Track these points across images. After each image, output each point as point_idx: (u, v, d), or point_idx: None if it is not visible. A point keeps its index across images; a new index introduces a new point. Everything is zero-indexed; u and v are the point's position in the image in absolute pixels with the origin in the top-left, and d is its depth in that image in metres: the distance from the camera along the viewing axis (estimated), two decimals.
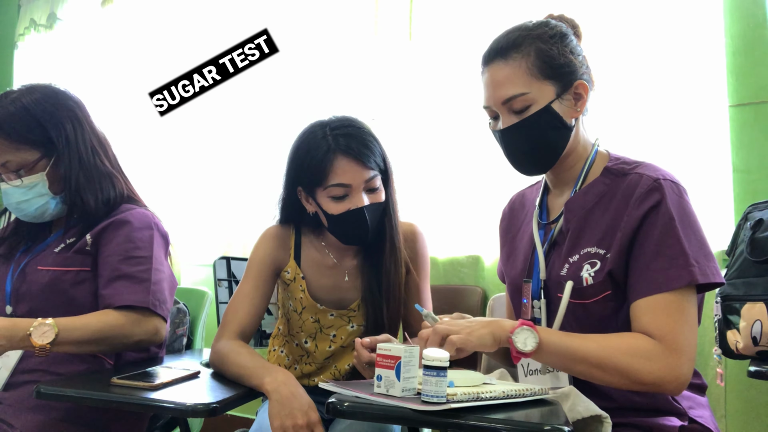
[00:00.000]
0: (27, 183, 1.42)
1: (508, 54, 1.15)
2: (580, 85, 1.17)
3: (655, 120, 2.01)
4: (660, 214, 1.07)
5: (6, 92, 1.46)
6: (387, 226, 1.44)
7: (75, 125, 1.46)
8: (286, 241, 1.50)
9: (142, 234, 1.45)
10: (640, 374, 1.01)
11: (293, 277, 1.48)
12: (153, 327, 1.39)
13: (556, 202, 1.26)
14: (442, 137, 2.37)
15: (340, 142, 1.34)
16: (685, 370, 1.02)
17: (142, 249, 1.44)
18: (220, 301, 1.75)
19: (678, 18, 1.99)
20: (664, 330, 1.02)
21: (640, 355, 1.01)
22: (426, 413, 0.92)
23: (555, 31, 1.17)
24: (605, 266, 1.10)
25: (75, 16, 3.53)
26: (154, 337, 1.40)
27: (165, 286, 1.45)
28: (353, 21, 2.61)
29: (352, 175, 1.34)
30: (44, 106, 1.43)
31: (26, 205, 1.45)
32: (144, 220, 1.48)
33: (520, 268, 1.28)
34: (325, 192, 1.36)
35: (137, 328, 1.37)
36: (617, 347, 1.03)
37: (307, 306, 1.48)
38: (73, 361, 1.42)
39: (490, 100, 1.18)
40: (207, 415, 1.13)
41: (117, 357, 1.48)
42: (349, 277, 1.49)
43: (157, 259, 1.46)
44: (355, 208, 1.34)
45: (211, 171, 2.97)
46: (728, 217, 1.88)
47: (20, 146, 1.41)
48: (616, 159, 1.21)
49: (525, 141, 1.17)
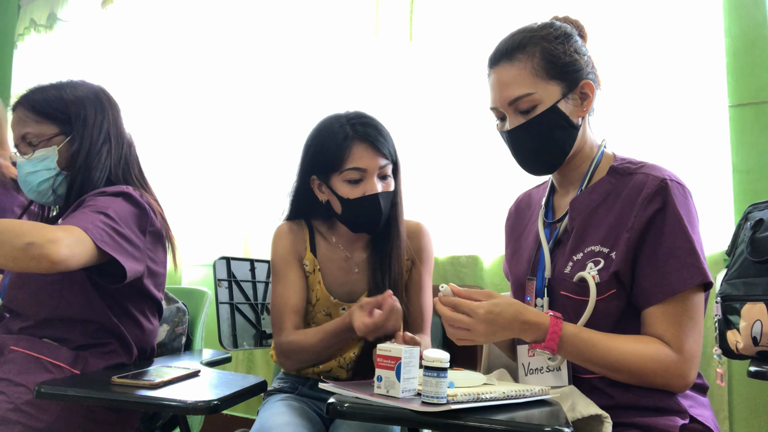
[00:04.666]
0: (38, 155, 1.47)
1: (513, 55, 1.16)
2: (586, 84, 1.18)
3: (655, 120, 2.00)
4: (669, 215, 1.08)
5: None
6: (393, 217, 1.49)
7: (97, 111, 1.52)
8: (301, 235, 1.55)
9: (105, 196, 1.42)
10: (652, 379, 1.07)
11: (312, 269, 1.53)
12: (53, 235, 1.22)
13: (562, 202, 1.27)
14: (443, 137, 2.37)
15: (358, 129, 1.43)
16: (693, 373, 1.08)
17: (99, 202, 1.39)
18: (220, 301, 1.75)
19: (678, 18, 1.99)
20: (679, 339, 1.07)
21: (655, 362, 1.06)
22: (426, 414, 0.92)
23: (560, 31, 1.18)
24: (610, 265, 1.11)
25: (75, 16, 3.53)
26: (47, 245, 1.20)
27: (98, 219, 1.33)
28: (353, 21, 2.61)
29: (369, 161, 1.41)
30: (74, 89, 1.52)
31: (32, 177, 1.48)
32: (116, 188, 1.45)
33: (525, 266, 1.29)
34: (341, 176, 1.42)
35: (34, 230, 1.23)
36: (635, 353, 1.07)
37: (321, 298, 1.51)
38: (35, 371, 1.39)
39: (497, 101, 1.19)
40: (208, 412, 1.13)
41: (84, 365, 1.45)
42: (359, 270, 1.53)
43: (105, 205, 1.37)
44: (371, 193, 1.41)
45: (212, 171, 2.97)
46: (728, 217, 1.88)
47: (41, 119, 1.48)
48: (622, 159, 1.22)
49: (532, 141, 1.18)
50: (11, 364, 1.40)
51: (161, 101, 3.15)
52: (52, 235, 1.23)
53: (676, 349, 1.07)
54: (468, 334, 1.06)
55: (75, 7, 3.52)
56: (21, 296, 1.47)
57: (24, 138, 1.49)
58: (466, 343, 1.08)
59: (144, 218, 1.46)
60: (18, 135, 1.49)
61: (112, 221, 1.35)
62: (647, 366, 1.06)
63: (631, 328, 1.12)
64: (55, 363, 1.41)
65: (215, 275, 1.78)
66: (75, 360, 1.44)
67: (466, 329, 1.05)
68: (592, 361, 1.09)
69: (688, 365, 1.07)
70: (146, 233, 1.46)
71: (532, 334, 1.08)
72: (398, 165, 1.50)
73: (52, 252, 1.21)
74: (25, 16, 3.72)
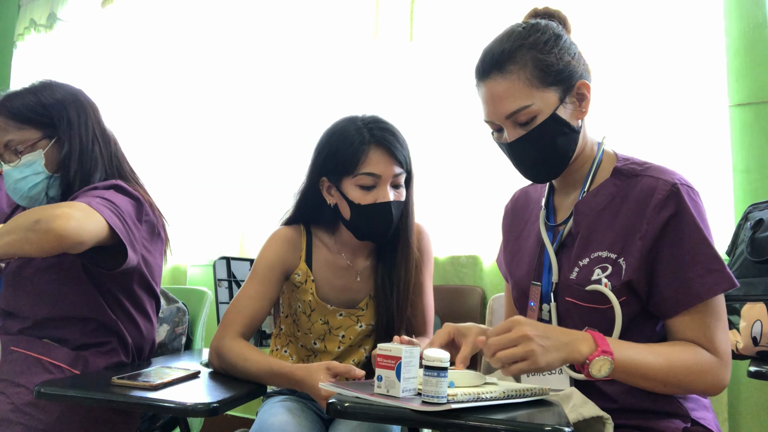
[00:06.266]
0: (25, 161, 1.45)
1: (503, 67, 1.11)
2: (582, 85, 1.14)
3: (656, 120, 2.00)
4: (686, 222, 1.06)
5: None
6: (403, 226, 1.46)
7: (79, 111, 1.50)
8: (297, 244, 1.50)
9: (98, 190, 1.42)
10: (696, 387, 1.06)
11: (304, 280, 1.48)
12: (59, 211, 1.23)
13: (564, 203, 1.24)
14: (443, 138, 2.37)
15: (375, 134, 1.38)
16: (729, 376, 1.06)
17: (95, 192, 1.39)
18: (220, 301, 1.75)
19: (678, 18, 1.99)
20: (712, 341, 1.05)
21: (700, 371, 1.04)
22: (426, 414, 0.92)
23: (548, 35, 1.13)
24: (619, 271, 1.09)
25: (75, 16, 3.52)
26: (53, 219, 1.21)
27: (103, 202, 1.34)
28: (354, 22, 2.61)
29: (384, 167, 1.37)
30: (51, 92, 1.49)
31: (22, 184, 1.46)
32: (107, 183, 1.46)
33: (526, 270, 1.25)
34: (354, 180, 1.38)
35: (41, 210, 1.25)
36: (682, 364, 1.03)
37: (316, 308, 1.48)
38: (35, 372, 1.39)
39: (492, 115, 1.14)
40: (207, 414, 1.13)
41: (84, 365, 1.45)
42: (361, 278, 1.50)
43: (101, 194, 1.38)
44: (383, 201, 1.37)
45: (212, 171, 2.97)
46: (728, 217, 1.88)
47: (22, 125, 1.45)
48: (625, 159, 1.19)
49: (535, 152, 1.14)
50: (11, 364, 1.40)
51: (161, 101, 3.15)
52: (59, 210, 1.23)
53: (715, 352, 1.05)
54: (526, 361, 0.96)
55: (75, 7, 3.52)
56: (19, 296, 1.47)
57: (7, 146, 1.46)
58: (526, 370, 0.96)
59: (139, 208, 1.46)
60: (0, 144, 1.46)
61: (115, 206, 1.35)
62: (692, 371, 1.03)
63: (637, 336, 1.08)
64: (54, 363, 1.41)
65: (215, 275, 1.78)
66: (75, 360, 1.44)
67: (523, 358, 0.95)
68: (643, 378, 1.02)
69: (727, 367, 1.05)
70: (142, 222, 1.46)
71: (580, 343, 0.99)
72: (412, 175, 1.46)
73: (58, 225, 1.21)
74: (25, 16, 3.72)
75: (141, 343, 1.56)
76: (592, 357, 0.97)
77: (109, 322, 1.47)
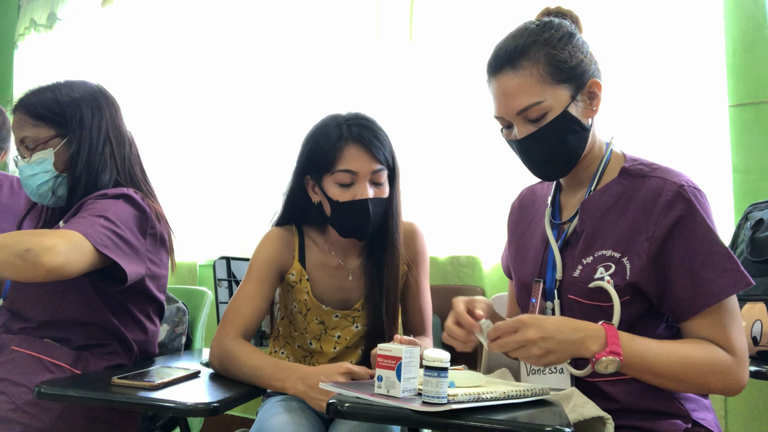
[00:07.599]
0: (35, 158, 1.46)
1: (516, 62, 1.11)
2: (593, 83, 1.14)
3: (656, 120, 2.01)
4: (697, 223, 1.06)
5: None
6: (389, 225, 1.45)
7: (94, 111, 1.50)
8: (289, 243, 1.50)
9: (106, 199, 1.42)
10: (712, 386, 1.04)
11: (298, 279, 1.48)
12: (50, 242, 1.22)
13: (570, 202, 1.24)
14: (443, 138, 2.37)
15: (353, 130, 1.38)
16: (747, 375, 1.05)
17: (99, 205, 1.39)
18: (220, 301, 1.75)
19: (678, 18, 1.99)
20: (729, 340, 1.04)
21: (716, 370, 1.03)
22: (427, 414, 0.92)
23: (561, 33, 1.14)
24: (622, 271, 1.09)
25: (75, 16, 3.53)
26: (43, 253, 1.21)
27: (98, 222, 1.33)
28: (354, 22, 2.61)
29: (360, 164, 1.37)
30: (70, 90, 1.50)
31: (32, 180, 1.47)
32: (116, 191, 1.45)
33: (531, 267, 1.25)
34: (332, 177, 1.38)
35: (32, 238, 1.24)
36: (696, 363, 1.02)
37: (311, 308, 1.48)
38: (36, 371, 1.40)
39: (503, 111, 1.14)
40: (208, 414, 1.13)
41: (85, 365, 1.45)
42: (353, 277, 1.50)
43: (105, 208, 1.37)
44: (360, 198, 1.36)
45: (212, 171, 2.97)
46: (728, 217, 1.88)
47: (37, 122, 1.47)
48: (633, 160, 1.19)
49: (545, 149, 1.14)
50: (12, 364, 1.40)
51: (161, 101, 3.15)
52: (50, 242, 1.22)
53: (732, 352, 1.04)
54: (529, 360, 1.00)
55: (75, 7, 3.52)
56: (23, 298, 1.47)
57: (23, 141, 1.48)
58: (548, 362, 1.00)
59: (144, 220, 1.45)
60: (17, 138, 1.49)
61: (112, 224, 1.35)
62: (706, 370, 1.02)
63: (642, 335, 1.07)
64: (56, 363, 1.41)
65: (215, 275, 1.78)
66: (76, 360, 1.44)
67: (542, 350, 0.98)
68: (654, 374, 1.03)
69: (744, 366, 1.04)
70: (146, 235, 1.46)
71: (591, 341, 1.00)
72: (396, 172, 1.45)
73: (47, 260, 1.21)
74: (25, 16, 3.72)
75: (145, 348, 1.57)
76: (599, 356, 0.99)
77: (112, 326, 1.48)
